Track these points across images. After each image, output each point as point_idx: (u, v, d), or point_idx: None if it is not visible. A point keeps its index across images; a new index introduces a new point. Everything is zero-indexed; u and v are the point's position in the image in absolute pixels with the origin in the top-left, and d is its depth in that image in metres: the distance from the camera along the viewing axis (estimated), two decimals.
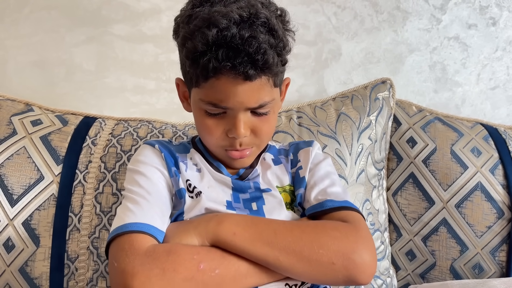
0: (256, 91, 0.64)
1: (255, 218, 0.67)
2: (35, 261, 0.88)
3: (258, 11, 0.62)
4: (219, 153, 0.74)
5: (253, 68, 0.61)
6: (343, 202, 0.70)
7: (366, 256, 0.63)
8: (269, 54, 0.61)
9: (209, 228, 0.63)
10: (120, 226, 0.62)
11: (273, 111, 0.71)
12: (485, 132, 1.12)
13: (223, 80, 0.62)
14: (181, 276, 0.57)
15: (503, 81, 1.34)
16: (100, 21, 1.20)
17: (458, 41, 1.31)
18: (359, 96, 1.11)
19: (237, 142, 0.69)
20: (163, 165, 0.73)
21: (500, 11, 1.31)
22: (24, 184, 0.89)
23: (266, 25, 0.62)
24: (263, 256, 0.61)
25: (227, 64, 0.60)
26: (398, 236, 1.11)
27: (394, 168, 1.14)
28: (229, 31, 0.59)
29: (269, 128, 0.72)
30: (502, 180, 1.05)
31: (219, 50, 0.60)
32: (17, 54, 1.19)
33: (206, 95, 0.65)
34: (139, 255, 0.58)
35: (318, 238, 0.63)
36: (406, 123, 1.15)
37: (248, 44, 0.59)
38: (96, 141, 0.97)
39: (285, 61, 0.67)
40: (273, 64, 0.62)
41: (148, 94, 1.24)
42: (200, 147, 0.79)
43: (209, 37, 0.59)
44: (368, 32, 1.29)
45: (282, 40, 0.65)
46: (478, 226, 1.03)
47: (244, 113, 0.66)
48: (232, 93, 0.63)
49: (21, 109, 1.01)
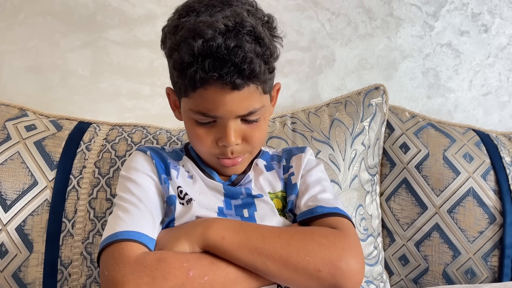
0: (244, 100, 0.65)
1: (244, 223, 0.67)
2: (28, 267, 0.88)
3: (244, 20, 0.62)
4: (211, 161, 0.74)
5: (240, 77, 0.61)
6: (333, 209, 0.70)
7: (353, 264, 0.62)
8: (256, 63, 0.62)
9: (198, 233, 0.63)
10: (111, 235, 0.62)
11: (264, 118, 0.71)
12: (477, 138, 1.13)
13: (211, 90, 0.63)
14: (171, 283, 0.57)
15: (495, 87, 1.35)
16: (95, 26, 1.20)
17: (450, 48, 1.33)
18: (352, 102, 1.12)
19: (228, 150, 0.69)
20: (154, 172, 0.73)
21: (492, 18, 1.32)
22: (18, 189, 0.89)
23: (252, 33, 0.63)
24: (251, 261, 0.62)
25: (213, 74, 0.60)
26: (391, 241, 1.12)
27: (387, 174, 1.15)
28: (215, 41, 0.59)
29: (261, 135, 0.72)
30: (493, 185, 1.06)
31: (205, 60, 0.60)
32: (12, 59, 1.19)
33: (195, 104, 0.66)
34: (129, 264, 0.58)
35: (306, 245, 0.63)
36: (399, 129, 1.16)
37: (234, 54, 0.60)
38: (91, 146, 0.97)
39: (272, 69, 0.67)
40: (260, 72, 0.63)
41: (143, 99, 1.24)
42: (193, 154, 0.79)
43: (195, 48, 0.60)
44: (361, 39, 1.31)
45: (269, 48, 0.65)
46: (470, 231, 1.04)
47: (234, 121, 0.67)
48: (220, 103, 0.64)
49: (15, 114, 1.01)
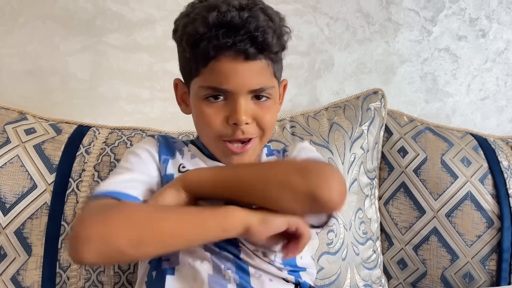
0: (256, 73, 0.66)
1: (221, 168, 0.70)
2: (27, 270, 0.87)
3: (257, 1, 0.66)
4: (218, 148, 0.71)
5: (253, 46, 0.63)
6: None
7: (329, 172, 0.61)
8: (268, 33, 0.63)
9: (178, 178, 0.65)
10: (92, 195, 0.63)
11: (274, 102, 0.71)
12: (474, 142, 1.14)
13: (223, 61, 0.64)
14: (122, 216, 0.56)
15: (493, 91, 1.36)
16: (94, 30, 1.21)
17: (448, 52, 1.33)
18: (351, 106, 1.12)
19: (239, 130, 0.67)
20: (155, 151, 0.73)
21: (490, 23, 1.33)
22: (17, 192, 0.89)
23: (264, 11, 0.65)
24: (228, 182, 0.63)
25: (227, 41, 0.62)
26: (389, 245, 1.12)
27: (385, 178, 1.15)
28: (229, 13, 0.62)
29: (272, 118, 0.71)
30: (491, 189, 1.06)
31: (219, 30, 0.62)
32: (12, 63, 1.19)
33: (206, 80, 0.66)
34: (94, 206, 0.59)
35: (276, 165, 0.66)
36: (398, 133, 1.17)
37: (248, 22, 0.62)
38: (90, 149, 0.97)
39: (284, 46, 0.69)
40: (272, 44, 0.64)
41: (142, 103, 1.24)
42: (198, 144, 0.78)
43: (209, 18, 0.62)
44: (360, 43, 1.31)
45: (280, 28, 0.67)
46: (468, 235, 1.04)
47: (245, 98, 0.66)
48: (233, 74, 0.64)
49: (15, 118, 1.01)
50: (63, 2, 1.19)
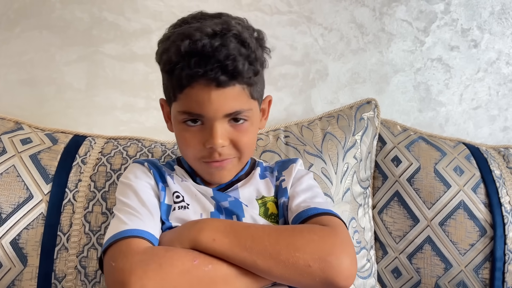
0: (230, 99, 0.67)
1: (235, 223, 0.69)
2: (22, 281, 0.87)
3: (230, 25, 0.65)
4: (199, 167, 0.75)
5: (224, 74, 0.64)
6: (325, 210, 0.72)
7: (344, 258, 0.63)
8: (239, 61, 0.64)
9: (190, 235, 0.65)
10: (117, 233, 0.64)
11: (252, 123, 0.72)
12: (467, 151, 1.15)
13: (197, 88, 0.65)
14: (177, 270, 0.59)
15: (485, 101, 1.37)
16: (91, 40, 1.21)
17: (441, 62, 1.35)
18: (344, 116, 1.13)
19: (215, 152, 0.70)
20: (152, 180, 0.76)
21: (482, 33, 1.35)
22: (13, 203, 0.89)
23: (237, 37, 0.65)
24: (242, 260, 0.63)
25: (198, 70, 0.63)
26: (384, 254, 1.13)
27: (379, 187, 1.16)
28: (201, 42, 0.63)
29: (248, 140, 0.73)
30: (484, 198, 1.07)
31: (191, 58, 0.63)
32: (8, 73, 1.19)
33: (183, 105, 0.68)
34: (137, 254, 0.60)
35: (295, 241, 0.63)
36: (391, 142, 1.18)
37: (218, 51, 0.63)
38: (86, 159, 0.98)
39: (257, 71, 0.68)
40: (243, 70, 0.65)
41: (138, 112, 1.25)
42: (184, 165, 0.81)
43: (182, 47, 0.63)
44: (354, 53, 1.33)
45: (254, 52, 0.67)
46: (462, 244, 1.05)
47: (220, 122, 0.68)
48: (206, 100, 0.66)
49: (11, 128, 1.01)
50: (60, 12, 1.20)
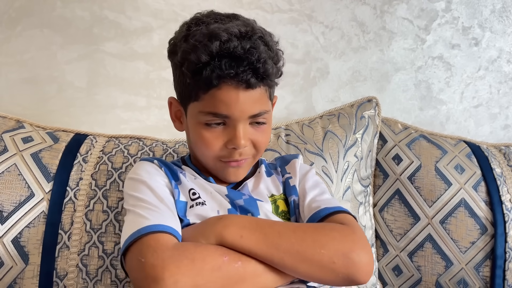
0: (256, 100, 0.68)
1: (260, 220, 0.69)
2: (24, 279, 0.88)
3: (254, 28, 0.68)
4: (215, 166, 0.75)
5: (255, 76, 0.66)
6: (337, 208, 0.73)
7: (364, 255, 0.65)
8: (269, 64, 0.66)
9: (216, 231, 0.64)
10: (140, 229, 0.62)
11: (269, 123, 0.75)
12: (468, 150, 1.15)
13: (225, 89, 0.66)
14: (209, 265, 0.59)
15: (486, 99, 1.37)
16: (92, 39, 1.22)
17: (442, 61, 1.35)
18: (345, 114, 1.13)
19: (236, 152, 0.71)
20: (164, 176, 0.75)
21: (483, 31, 1.35)
22: (15, 201, 0.90)
23: (262, 39, 0.68)
24: (269, 257, 0.63)
25: (230, 72, 0.64)
26: (384, 252, 1.13)
27: (380, 185, 1.16)
28: (231, 43, 0.64)
29: (266, 139, 0.75)
30: (484, 196, 1.07)
31: (222, 60, 0.64)
32: (9, 71, 1.20)
33: (207, 105, 0.68)
34: (168, 249, 0.59)
35: (319, 239, 0.65)
36: (392, 141, 1.18)
37: (250, 53, 0.64)
38: (87, 158, 0.98)
39: (281, 73, 0.72)
40: (272, 73, 0.67)
41: (139, 111, 1.25)
42: (191, 166, 0.80)
43: (213, 48, 0.63)
44: (355, 51, 1.33)
45: (277, 54, 0.70)
46: (462, 242, 1.05)
47: (244, 123, 0.69)
48: (234, 102, 0.66)
49: (12, 126, 1.01)
50: (61, 10, 1.20)
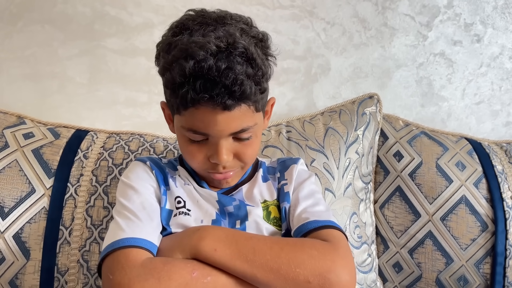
0: (236, 119, 0.65)
1: (236, 233, 0.67)
2: (25, 274, 0.88)
3: (236, 41, 0.62)
4: (203, 175, 0.76)
5: (231, 98, 0.61)
6: (326, 222, 0.70)
7: (343, 275, 0.62)
8: (246, 85, 0.62)
9: (191, 243, 0.64)
10: (115, 242, 0.63)
11: (256, 135, 0.71)
12: (469, 147, 1.15)
13: (202, 109, 0.63)
14: (176, 283, 0.58)
15: (488, 96, 1.37)
16: (93, 35, 1.22)
17: (443, 57, 1.35)
18: (346, 111, 1.13)
19: (219, 166, 0.70)
20: (154, 182, 0.75)
21: (485, 28, 1.34)
22: (16, 197, 0.90)
23: (244, 54, 0.63)
24: (241, 272, 0.62)
25: (204, 95, 0.61)
26: (385, 248, 1.13)
27: (381, 181, 1.16)
28: (206, 63, 0.59)
29: (252, 152, 0.72)
30: (485, 193, 1.07)
31: (196, 81, 0.60)
32: (10, 67, 1.20)
33: (187, 122, 0.66)
34: (135, 267, 0.59)
35: (296, 257, 0.63)
36: (393, 137, 1.18)
37: (225, 76, 0.60)
38: (88, 154, 0.98)
39: (264, 89, 0.67)
40: (250, 93, 0.63)
41: (140, 107, 1.25)
42: (187, 166, 0.80)
43: (186, 69, 0.60)
44: (356, 48, 1.32)
45: (261, 68, 0.65)
46: (463, 239, 1.05)
47: (225, 139, 0.67)
48: (211, 122, 0.64)
49: (13, 122, 1.02)
50: (62, 6, 1.20)
